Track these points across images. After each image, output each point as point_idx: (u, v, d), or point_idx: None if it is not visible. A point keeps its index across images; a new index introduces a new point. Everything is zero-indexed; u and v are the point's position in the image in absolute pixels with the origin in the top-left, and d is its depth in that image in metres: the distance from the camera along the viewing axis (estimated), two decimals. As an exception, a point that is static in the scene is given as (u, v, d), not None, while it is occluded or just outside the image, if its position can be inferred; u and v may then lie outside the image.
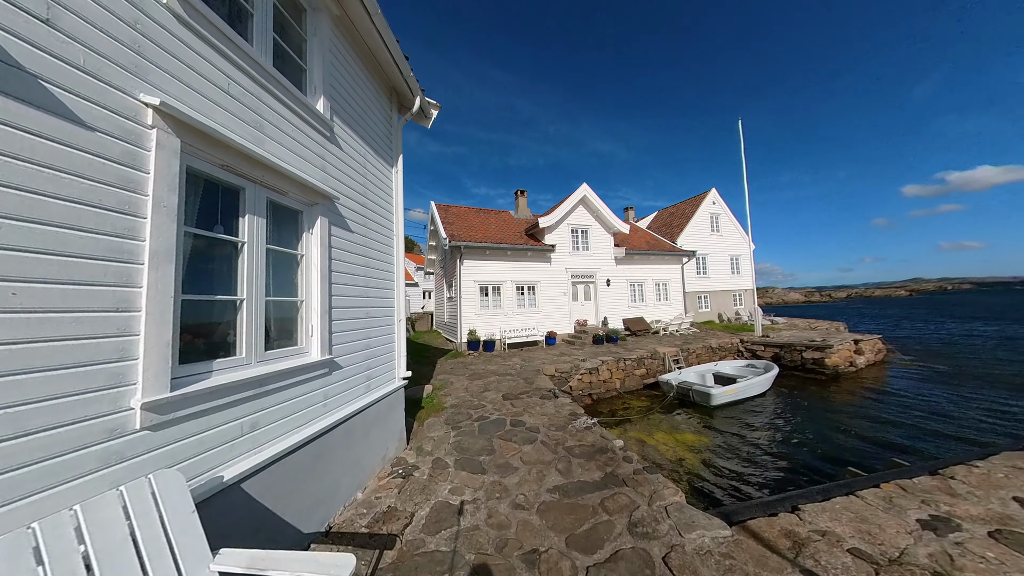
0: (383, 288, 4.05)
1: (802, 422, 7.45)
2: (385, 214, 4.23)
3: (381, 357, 3.91)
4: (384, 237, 4.15)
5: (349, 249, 3.39)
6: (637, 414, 8.21)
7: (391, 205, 4.42)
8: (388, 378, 4.08)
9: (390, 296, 4.22)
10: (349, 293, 3.34)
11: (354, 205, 3.53)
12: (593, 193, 14.54)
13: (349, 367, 3.27)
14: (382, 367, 3.93)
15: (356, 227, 3.55)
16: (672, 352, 11.31)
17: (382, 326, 3.97)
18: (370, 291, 3.74)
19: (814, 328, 16.46)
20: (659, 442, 6.48)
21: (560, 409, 5.64)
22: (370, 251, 3.79)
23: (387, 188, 4.32)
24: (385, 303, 4.08)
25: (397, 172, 4.55)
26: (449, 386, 7.37)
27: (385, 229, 4.19)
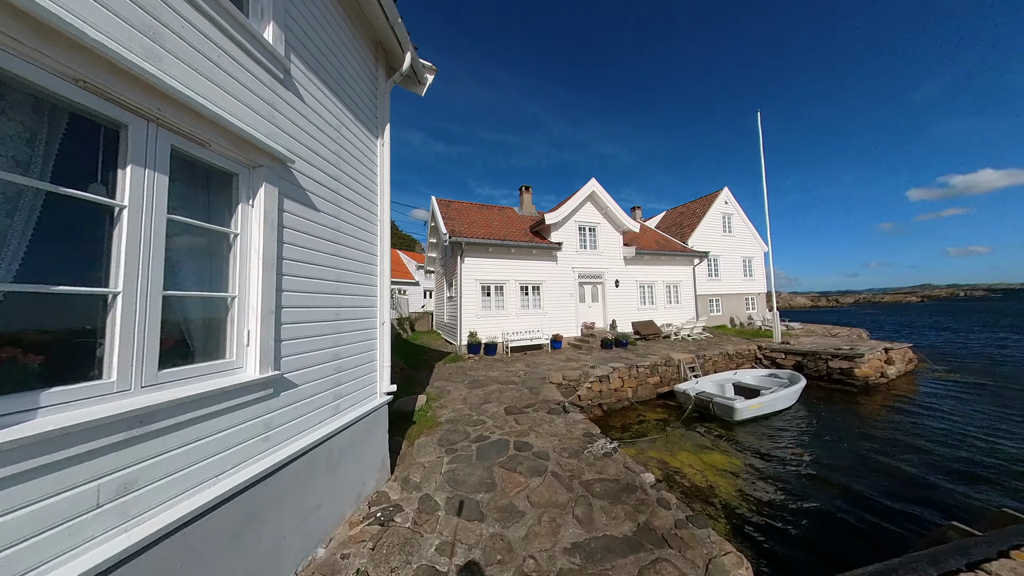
0: (361, 284, 3.28)
1: (838, 442, 6.62)
2: (366, 193, 3.46)
3: (356, 370, 3.14)
4: (364, 221, 3.38)
5: (312, 232, 2.62)
6: (654, 429, 7.41)
7: (374, 184, 3.65)
8: (366, 395, 3.30)
9: (371, 294, 3.45)
10: (310, 289, 2.57)
11: (321, 177, 2.76)
12: (602, 189, 13.75)
13: (307, 385, 2.49)
14: (357, 382, 3.15)
15: (324, 204, 2.78)
16: (687, 359, 10.50)
17: (359, 331, 3.20)
18: (343, 287, 2.97)
19: (835, 335, 15.59)
20: (684, 464, 5.68)
21: (572, 428, 4.85)
22: (343, 236, 3.02)
23: (369, 162, 3.56)
24: (363, 302, 3.31)
25: (383, 145, 3.78)
26: (446, 396, 6.60)
27: (365, 212, 3.43)
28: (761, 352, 12.56)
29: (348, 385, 3.00)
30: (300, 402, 2.40)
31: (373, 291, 3.51)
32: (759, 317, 18.92)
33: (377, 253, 3.62)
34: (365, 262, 3.38)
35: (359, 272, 3.26)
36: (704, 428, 7.43)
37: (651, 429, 7.40)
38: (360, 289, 3.26)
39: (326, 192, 2.82)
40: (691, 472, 5.40)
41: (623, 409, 8.72)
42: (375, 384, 3.47)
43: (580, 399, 8.33)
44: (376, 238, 3.63)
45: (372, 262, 3.52)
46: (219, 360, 1.92)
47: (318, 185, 2.72)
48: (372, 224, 3.56)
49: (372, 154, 3.63)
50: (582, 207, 13.75)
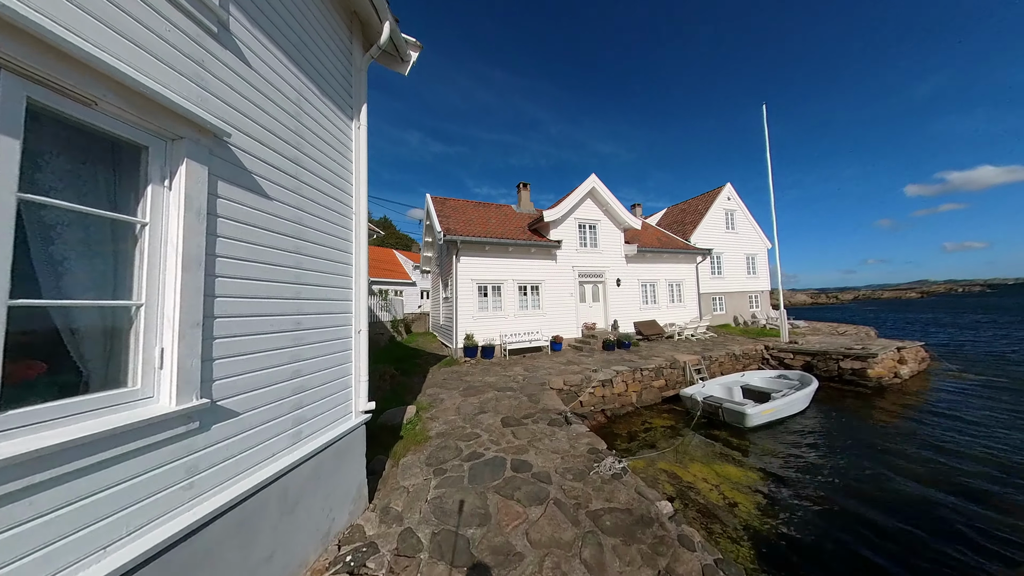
0: (331, 286, 2.81)
1: (858, 451, 6.17)
2: (338, 182, 3.00)
3: (324, 388, 2.67)
4: (335, 214, 2.92)
5: (262, 224, 2.16)
6: (662, 437, 6.96)
7: (348, 172, 3.18)
8: (337, 416, 2.84)
9: (344, 298, 2.99)
10: (258, 293, 2.11)
11: (274, 158, 2.30)
12: (602, 185, 13.30)
13: (253, 412, 2.03)
14: (325, 402, 2.69)
15: (279, 192, 2.32)
16: (693, 361, 10.06)
17: (327, 341, 2.74)
18: (306, 291, 2.51)
19: (842, 333, 15.18)
20: (697, 478, 5.23)
21: (575, 443, 4.40)
22: (307, 231, 2.55)
23: (342, 147, 3.09)
24: (334, 307, 2.85)
25: (360, 128, 3.32)
26: (438, 405, 6.14)
27: (337, 203, 2.96)
28: (768, 352, 12.14)
29: (313, 407, 2.53)
30: (241, 435, 1.94)
31: (347, 295, 3.04)
32: (763, 315, 18.51)
33: (352, 251, 3.16)
34: (337, 261, 2.92)
35: (328, 273, 2.80)
36: (714, 436, 6.99)
37: (659, 437, 6.96)
38: (330, 293, 2.80)
39: (282, 177, 2.36)
40: (705, 487, 4.96)
41: (627, 415, 8.28)
42: (349, 402, 3.01)
43: (582, 405, 7.89)
44: (351, 234, 3.16)
45: (346, 261, 3.06)
46: (115, 391, 1.45)
47: (270, 168, 2.26)
48: (346, 218, 3.10)
49: (346, 138, 3.16)
50: (582, 204, 13.30)
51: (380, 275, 28.34)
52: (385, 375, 6.72)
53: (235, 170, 1.99)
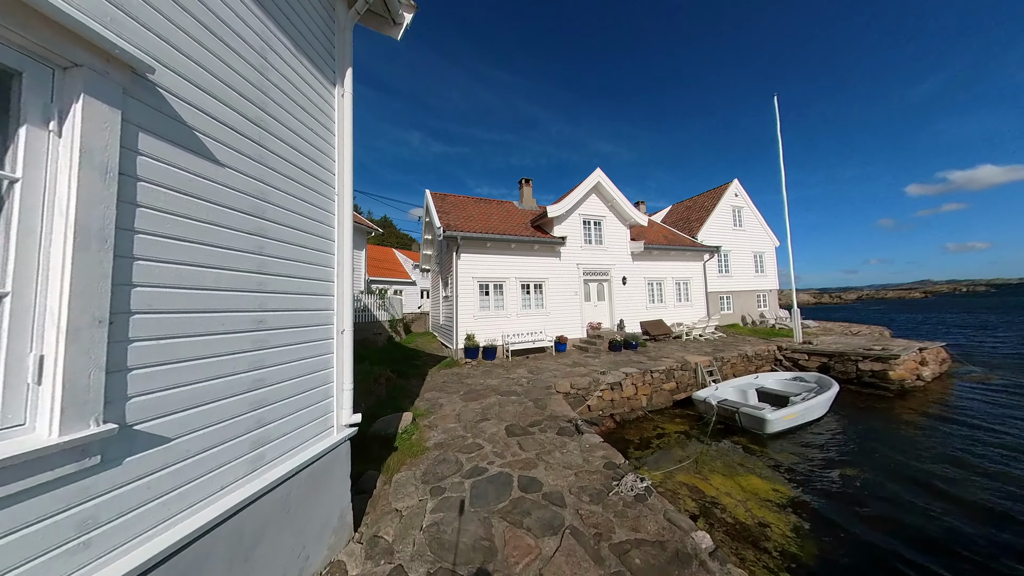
0: (306, 278, 2.36)
1: (890, 461, 5.69)
2: (315, 155, 2.54)
3: (296, 400, 2.21)
4: (311, 192, 2.46)
5: (208, 196, 1.70)
6: (676, 444, 6.50)
7: (330, 145, 2.73)
8: (315, 433, 2.38)
9: (323, 292, 2.53)
10: (203, 284, 1.65)
11: (227, 115, 1.84)
12: (608, 179, 12.83)
13: (192, 436, 1.57)
14: (297, 417, 2.23)
15: (234, 159, 1.86)
16: (705, 362, 9.60)
17: (300, 344, 2.28)
18: (270, 282, 2.05)
19: (856, 333, 14.69)
20: (721, 492, 4.77)
21: (589, 455, 3.94)
22: (273, 210, 2.10)
23: (321, 114, 2.63)
24: (310, 304, 2.39)
25: (344, 97, 2.86)
26: (437, 411, 5.68)
27: (314, 180, 2.51)
28: (782, 353, 11.66)
29: (280, 424, 2.07)
30: (172, 468, 1.48)
31: (327, 288, 2.59)
32: (771, 315, 18.04)
33: (334, 238, 2.70)
34: (314, 249, 2.46)
35: (303, 263, 2.34)
36: (732, 443, 6.53)
37: (673, 444, 6.49)
38: (304, 286, 2.34)
39: (239, 141, 1.90)
40: (731, 504, 4.49)
41: (638, 420, 7.82)
42: (329, 415, 2.55)
43: (590, 409, 7.43)
44: (333, 218, 2.70)
45: (326, 249, 2.60)
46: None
47: (222, 128, 1.80)
48: (326, 199, 2.64)
49: (327, 106, 2.71)
50: (587, 199, 12.83)
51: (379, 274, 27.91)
52: (380, 378, 6.28)
53: (168, 122, 1.53)
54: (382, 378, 6.39)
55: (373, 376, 6.11)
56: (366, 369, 6.34)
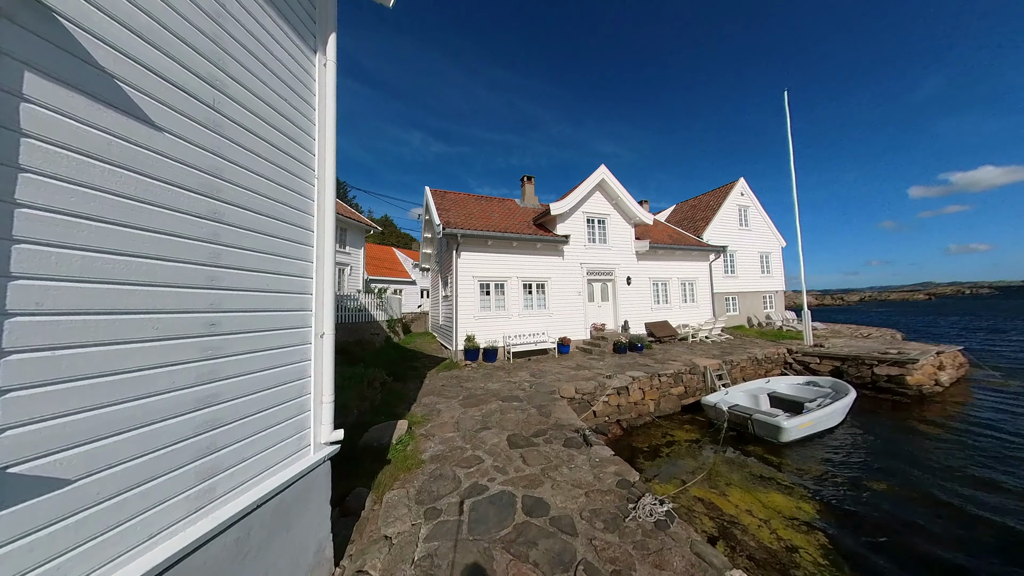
0: (271, 274, 2.00)
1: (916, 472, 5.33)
2: (288, 128, 2.18)
3: (258, 419, 1.86)
4: (281, 173, 2.10)
5: (136, 166, 1.34)
6: (687, 454, 6.14)
7: (307, 122, 2.37)
8: (282, 456, 2.02)
9: (295, 293, 2.17)
10: (126, 277, 1.30)
11: (167, 67, 1.48)
12: (612, 176, 12.47)
13: (107, 474, 1.22)
14: (261, 438, 1.87)
15: (176, 123, 1.50)
16: (714, 365, 9.23)
17: (265, 352, 1.92)
18: (226, 277, 1.70)
19: (866, 336, 14.31)
20: (740, 509, 4.40)
21: (600, 472, 3.58)
22: (230, 190, 1.74)
23: (297, 83, 2.27)
24: (278, 303, 2.03)
25: (327, 66, 2.50)
26: (434, 418, 5.32)
27: (285, 159, 2.15)
28: (792, 356, 11.29)
29: (238, 449, 1.71)
30: (69, 519, 1.12)
31: (304, 286, 2.23)
32: (778, 316, 17.66)
33: (313, 228, 2.34)
34: (286, 239, 2.10)
35: (272, 255, 1.99)
36: (746, 452, 6.16)
37: (684, 454, 6.13)
38: (272, 283, 1.99)
39: (187, 103, 1.54)
40: (752, 523, 4.12)
41: (645, 426, 7.46)
42: (305, 433, 2.19)
43: (595, 415, 7.07)
44: (312, 205, 2.35)
45: (303, 241, 2.24)
46: None
47: (160, 82, 1.44)
48: (303, 182, 2.28)
49: (305, 74, 2.35)
50: (590, 196, 12.47)
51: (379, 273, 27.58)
52: (375, 382, 5.92)
53: (74, 64, 1.17)
54: (376, 382, 6.04)
55: (367, 380, 5.76)
56: (359, 372, 5.99)
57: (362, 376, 5.85)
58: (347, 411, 4.79)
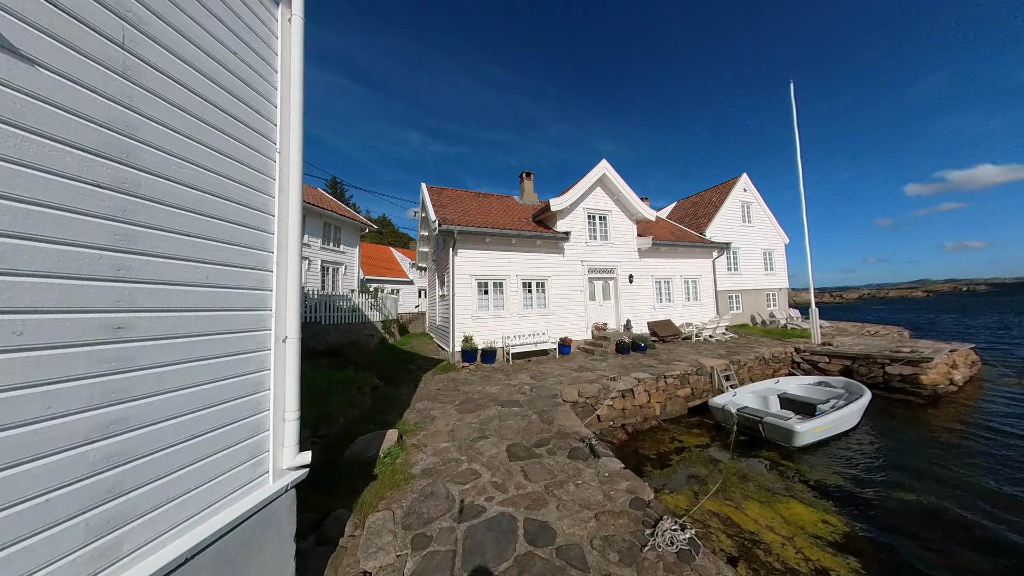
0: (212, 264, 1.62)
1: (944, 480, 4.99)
2: (237, 88, 1.80)
3: (191, 447, 1.48)
4: (225, 140, 1.73)
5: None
6: (698, 461, 5.78)
7: (265, 83, 1.99)
8: (228, 490, 1.65)
9: (247, 288, 1.80)
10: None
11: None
12: (614, 171, 12.10)
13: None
14: (198, 471, 1.50)
15: (56, 56, 1.13)
16: (721, 366, 8.89)
17: (200, 362, 1.54)
18: (138, 267, 1.32)
19: (874, 334, 14.01)
20: (761, 525, 4.04)
21: (610, 489, 3.21)
22: (142, 150, 1.36)
23: (250, 34, 1.89)
24: (222, 301, 1.66)
25: (292, 21, 2.11)
26: (428, 426, 4.95)
27: (232, 124, 1.77)
28: (800, 355, 10.96)
29: (159, 488, 1.34)
30: None
31: (259, 281, 1.85)
32: (782, 314, 17.34)
33: (273, 212, 1.96)
34: (234, 223, 1.72)
35: (213, 241, 1.61)
36: (760, 459, 5.82)
37: (695, 461, 5.77)
38: (216, 276, 1.61)
39: (78, 33, 1.17)
40: (776, 541, 3.76)
41: (652, 430, 7.10)
42: (262, 459, 1.81)
43: (599, 420, 6.72)
44: (272, 185, 1.97)
45: (258, 226, 1.86)
46: None
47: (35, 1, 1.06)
48: (259, 156, 1.90)
49: (261, 26, 1.96)
50: (591, 192, 12.10)
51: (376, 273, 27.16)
52: (364, 387, 5.54)
53: None
54: (367, 387, 5.66)
55: (356, 385, 5.38)
56: (349, 377, 5.61)
57: (352, 381, 5.47)
58: (332, 420, 4.42)
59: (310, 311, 10.11)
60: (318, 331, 9.85)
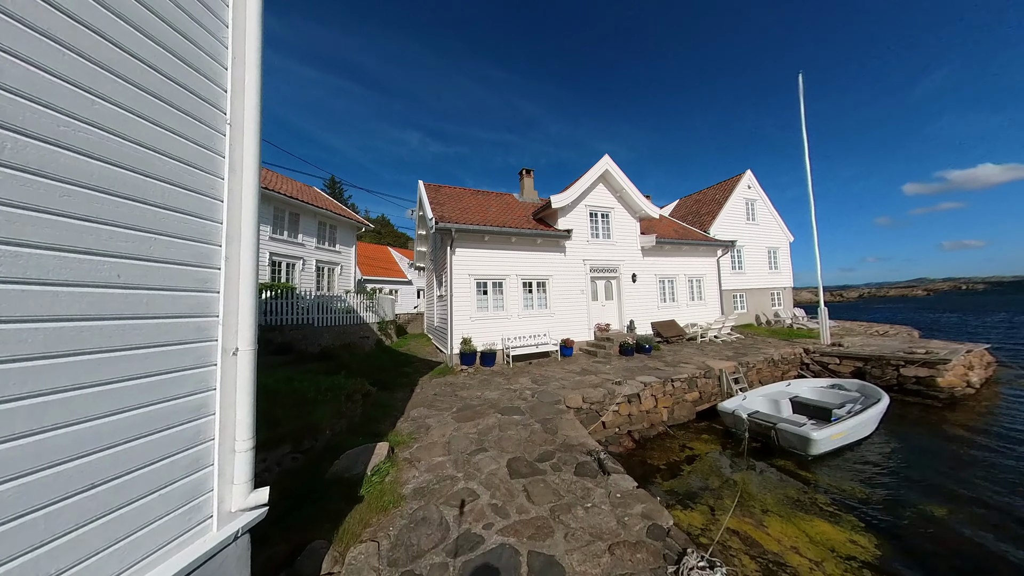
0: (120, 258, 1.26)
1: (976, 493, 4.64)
2: (155, 29, 1.44)
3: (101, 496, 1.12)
4: (139, 95, 1.37)
5: None
6: (711, 471, 5.43)
7: (210, 34, 1.63)
8: (160, 543, 1.29)
9: (183, 288, 1.44)
10: None
11: None
12: (616, 167, 11.75)
13: None
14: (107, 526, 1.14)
15: None
16: (729, 368, 8.54)
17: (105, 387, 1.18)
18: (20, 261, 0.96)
19: (883, 334, 13.68)
20: (785, 545, 3.70)
21: (624, 512, 2.85)
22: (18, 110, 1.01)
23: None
24: (141, 305, 1.30)
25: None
26: (422, 437, 4.59)
27: (150, 73, 1.41)
28: (809, 356, 10.61)
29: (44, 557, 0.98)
30: None
31: (202, 281, 1.50)
32: (787, 314, 17.00)
33: (222, 196, 1.61)
34: (163, 207, 1.37)
35: (129, 229, 1.25)
36: (776, 468, 5.48)
37: (708, 471, 5.43)
38: (134, 273, 1.26)
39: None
40: (803, 565, 3.41)
41: (659, 437, 6.76)
42: (200, 503, 1.45)
43: (605, 427, 6.37)
44: (220, 162, 1.61)
45: (201, 212, 1.51)
46: None
47: None
48: (202, 126, 1.55)
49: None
50: (593, 189, 11.75)
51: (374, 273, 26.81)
52: (355, 395, 5.18)
53: None
54: (358, 394, 5.30)
55: (346, 392, 5.02)
56: (339, 383, 5.25)
57: (341, 388, 5.11)
58: (317, 431, 4.06)
59: (303, 312, 9.75)
60: (311, 333, 9.48)
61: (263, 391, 4.40)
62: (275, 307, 9.08)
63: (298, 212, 13.29)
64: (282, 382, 4.95)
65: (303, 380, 5.13)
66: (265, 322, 8.77)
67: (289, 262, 12.91)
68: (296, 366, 7.47)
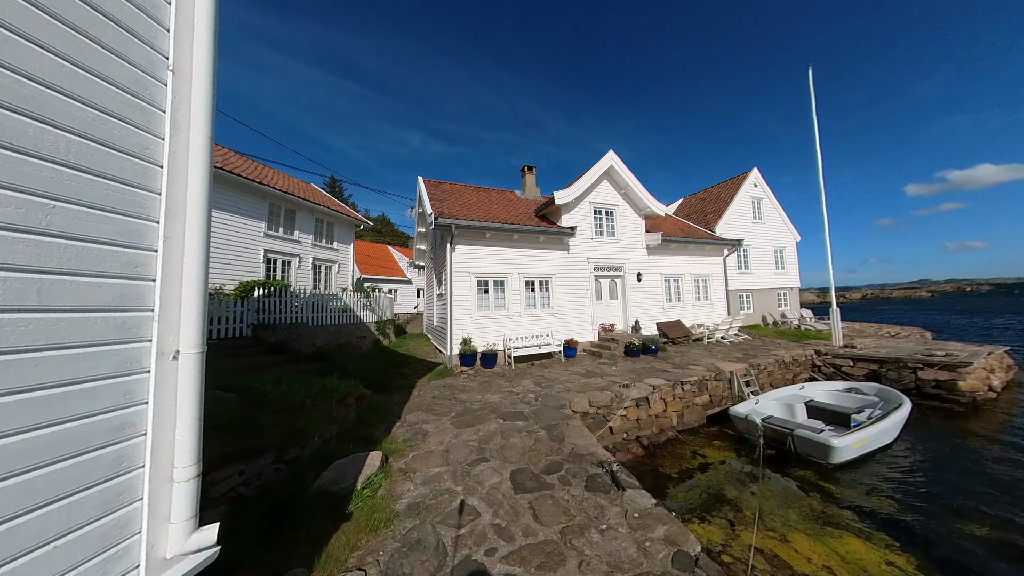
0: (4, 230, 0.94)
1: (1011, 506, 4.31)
2: None
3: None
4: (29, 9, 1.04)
5: None
6: (726, 480, 5.10)
7: None
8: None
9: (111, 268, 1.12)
10: None
11: None
12: (621, 163, 11.41)
13: None
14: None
15: None
16: (740, 370, 8.22)
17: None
18: None
19: (895, 335, 13.33)
20: (816, 566, 3.36)
21: (645, 537, 2.52)
22: None
23: None
24: (18, 295, 0.97)
25: None
26: (419, 445, 4.27)
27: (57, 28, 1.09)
28: (820, 358, 10.27)
29: None
30: None
31: (130, 265, 1.18)
32: (794, 314, 16.65)
33: (162, 161, 1.28)
34: (70, 166, 1.05)
35: (12, 191, 0.93)
36: (795, 479, 5.14)
37: (723, 480, 5.09)
38: (24, 252, 0.93)
39: None
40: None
41: (669, 443, 6.43)
42: (122, 550, 1.11)
43: (612, 432, 6.04)
44: (160, 119, 1.29)
45: (134, 180, 1.19)
46: None
47: None
48: (129, 67, 1.22)
49: None
50: (598, 185, 11.43)
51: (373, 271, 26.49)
52: (348, 399, 4.86)
53: None
54: (351, 397, 4.97)
55: (338, 395, 4.70)
56: (332, 386, 4.92)
57: (333, 390, 4.79)
58: (305, 439, 3.73)
59: (298, 311, 9.43)
60: (305, 332, 9.16)
61: (247, 394, 4.07)
62: (268, 305, 8.77)
63: (294, 208, 12.97)
64: (270, 384, 4.62)
65: (293, 382, 4.80)
66: (258, 320, 8.46)
67: (285, 259, 12.59)
68: (289, 367, 7.15)
